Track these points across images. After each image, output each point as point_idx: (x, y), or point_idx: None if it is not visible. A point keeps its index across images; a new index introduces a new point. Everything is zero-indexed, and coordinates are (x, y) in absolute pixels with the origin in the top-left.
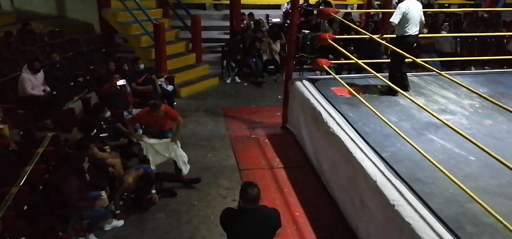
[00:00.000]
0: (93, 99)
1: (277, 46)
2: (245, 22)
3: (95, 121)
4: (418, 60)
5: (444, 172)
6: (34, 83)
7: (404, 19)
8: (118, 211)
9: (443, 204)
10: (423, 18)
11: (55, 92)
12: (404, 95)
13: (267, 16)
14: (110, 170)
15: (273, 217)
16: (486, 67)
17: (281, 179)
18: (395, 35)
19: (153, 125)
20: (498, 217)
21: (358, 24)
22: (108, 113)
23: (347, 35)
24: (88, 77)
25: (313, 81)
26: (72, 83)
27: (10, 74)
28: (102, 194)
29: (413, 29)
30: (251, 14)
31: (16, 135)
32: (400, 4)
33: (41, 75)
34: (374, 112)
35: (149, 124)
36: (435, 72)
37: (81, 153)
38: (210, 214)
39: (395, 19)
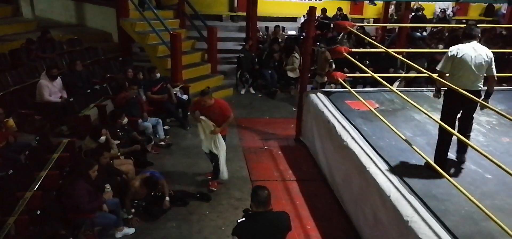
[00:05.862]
0: (109, 107)
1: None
2: (261, 34)
3: (111, 128)
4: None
5: (459, 189)
6: (52, 90)
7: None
8: (130, 216)
9: (458, 221)
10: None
11: (71, 99)
12: (420, 110)
13: (283, 28)
14: (118, 178)
15: (284, 220)
16: (503, 84)
17: (294, 191)
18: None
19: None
20: None
21: (374, 38)
22: (125, 120)
23: (363, 48)
24: (104, 85)
25: (327, 94)
26: (88, 91)
27: (29, 80)
28: (107, 187)
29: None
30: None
31: (33, 140)
32: None
33: (58, 82)
34: (389, 126)
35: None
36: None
37: (91, 159)
38: (221, 225)
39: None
